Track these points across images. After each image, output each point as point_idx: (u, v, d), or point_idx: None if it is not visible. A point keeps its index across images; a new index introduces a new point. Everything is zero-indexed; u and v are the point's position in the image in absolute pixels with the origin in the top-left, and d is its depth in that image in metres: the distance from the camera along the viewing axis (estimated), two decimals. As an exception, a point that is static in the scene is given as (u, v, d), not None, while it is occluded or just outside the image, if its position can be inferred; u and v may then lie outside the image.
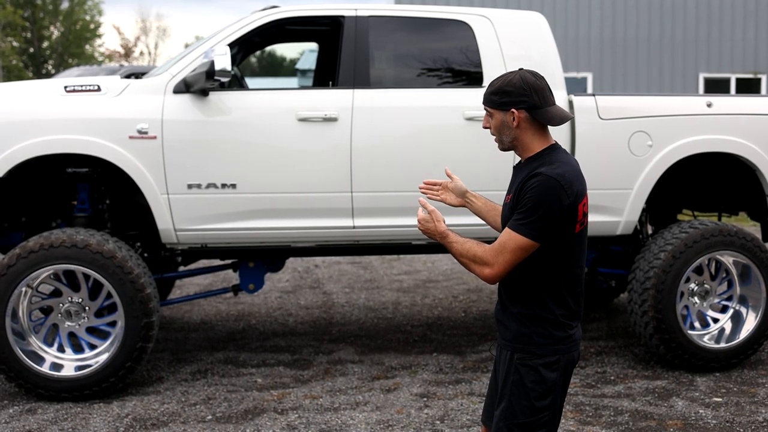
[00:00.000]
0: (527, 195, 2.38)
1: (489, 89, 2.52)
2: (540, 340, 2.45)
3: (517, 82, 2.46)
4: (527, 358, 2.46)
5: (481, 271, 2.43)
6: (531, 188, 2.38)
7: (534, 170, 2.41)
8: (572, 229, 2.43)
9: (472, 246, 2.46)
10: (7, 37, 37.21)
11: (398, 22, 5.06)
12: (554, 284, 2.45)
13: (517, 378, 2.46)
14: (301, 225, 4.78)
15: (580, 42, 17.16)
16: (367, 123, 4.77)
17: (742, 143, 5.04)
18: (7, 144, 4.48)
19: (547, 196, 2.35)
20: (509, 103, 2.46)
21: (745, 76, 17.51)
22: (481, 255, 2.43)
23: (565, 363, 2.48)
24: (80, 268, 4.46)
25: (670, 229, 5.08)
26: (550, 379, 2.45)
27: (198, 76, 4.52)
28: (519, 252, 2.39)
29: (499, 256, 2.40)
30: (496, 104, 2.49)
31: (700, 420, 4.23)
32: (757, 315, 5.06)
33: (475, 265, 2.45)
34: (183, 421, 4.25)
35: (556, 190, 2.36)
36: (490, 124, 2.55)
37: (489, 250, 2.42)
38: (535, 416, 2.45)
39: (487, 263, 2.42)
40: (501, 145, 2.58)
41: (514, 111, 2.46)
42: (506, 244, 2.39)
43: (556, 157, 2.46)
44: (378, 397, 4.59)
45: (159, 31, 64.77)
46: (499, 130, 2.52)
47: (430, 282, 8.02)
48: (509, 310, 2.52)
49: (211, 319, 6.55)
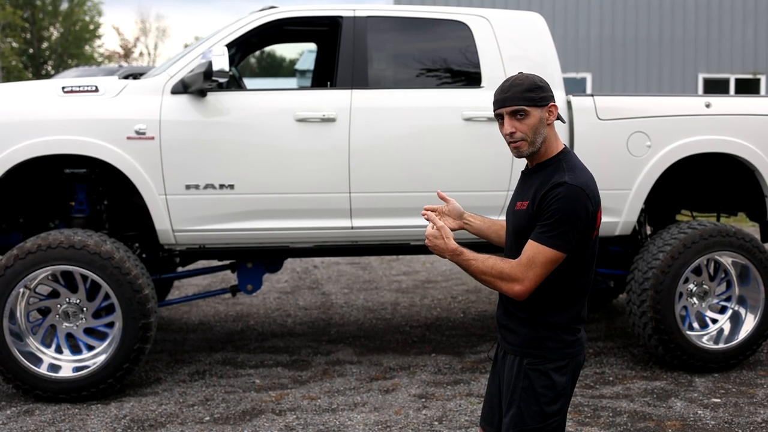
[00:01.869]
0: (554, 206, 2.29)
1: (520, 88, 2.36)
2: (552, 344, 2.41)
3: (536, 78, 2.39)
4: (538, 363, 2.41)
5: (510, 288, 2.33)
6: (557, 199, 2.29)
7: (556, 179, 2.33)
8: (590, 236, 2.39)
9: (496, 262, 2.35)
10: (6, 37, 37.21)
11: (396, 22, 5.05)
12: (570, 290, 2.41)
13: (527, 383, 2.41)
14: (299, 225, 4.78)
15: (579, 42, 17.17)
16: (366, 123, 4.76)
17: (740, 144, 5.03)
18: (4, 145, 4.48)
19: (575, 207, 2.29)
20: (547, 97, 2.38)
21: (745, 76, 17.52)
22: (508, 272, 2.33)
23: (574, 366, 2.46)
24: (78, 269, 4.45)
25: (669, 230, 5.07)
26: (560, 384, 2.41)
27: (196, 77, 4.51)
28: (549, 265, 2.32)
29: (529, 271, 2.31)
30: (536, 101, 2.36)
31: (699, 421, 4.23)
32: (755, 316, 5.06)
33: (502, 283, 2.34)
34: (181, 422, 4.24)
35: (583, 199, 2.30)
36: (516, 128, 2.38)
37: (517, 265, 2.32)
38: (545, 422, 2.41)
39: (516, 279, 2.32)
40: (530, 148, 2.41)
41: (552, 105, 2.39)
42: (535, 257, 2.31)
43: (573, 162, 2.40)
44: (376, 398, 4.59)
45: (158, 31, 64.87)
46: (536, 129, 2.38)
47: (428, 283, 8.01)
48: (515, 314, 2.46)
49: (210, 319, 6.54)
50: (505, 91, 2.41)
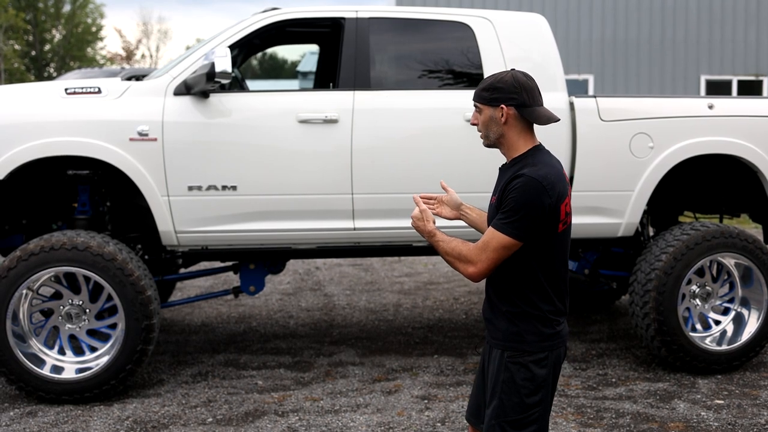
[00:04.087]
0: (510, 195, 2.44)
1: (480, 85, 2.58)
2: (530, 337, 2.51)
3: (509, 79, 2.53)
4: (517, 356, 2.51)
5: (465, 269, 2.50)
6: (514, 189, 2.44)
7: (518, 171, 2.48)
8: (555, 229, 2.49)
9: (457, 245, 2.52)
10: (9, 40, 37.27)
11: (399, 23, 5.06)
12: (538, 281, 2.52)
13: (507, 376, 2.51)
14: (301, 227, 4.78)
15: (582, 44, 17.16)
16: (368, 124, 4.76)
17: (743, 145, 5.03)
18: (7, 146, 4.48)
19: (530, 197, 2.42)
20: (499, 99, 2.52)
21: (747, 77, 17.50)
22: (465, 253, 2.49)
23: (554, 359, 2.54)
24: (81, 270, 4.45)
25: (672, 231, 5.07)
26: (540, 376, 2.50)
27: (198, 78, 4.51)
28: (502, 251, 2.45)
29: (482, 254, 2.46)
30: (486, 99, 2.55)
31: (702, 422, 4.22)
32: (759, 317, 5.05)
33: (460, 263, 2.51)
34: (183, 424, 4.24)
35: (539, 191, 2.42)
36: (478, 120, 2.60)
37: (473, 248, 2.49)
38: (525, 413, 2.50)
39: (471, 261, 2.48)
40: (486, 141, 2.63)
41: (503, 107, 2.52)
42: (489, 242, 2.46)
43: (539, 158, 2.52)
44: (379, 399, 4.58)
45: (160, 33, 64.92)
46: (487, 125, 2.57)
47: (431, 284, 8.01)
48: (497, 308, 2.58)
49: (212, 321, 6.54)
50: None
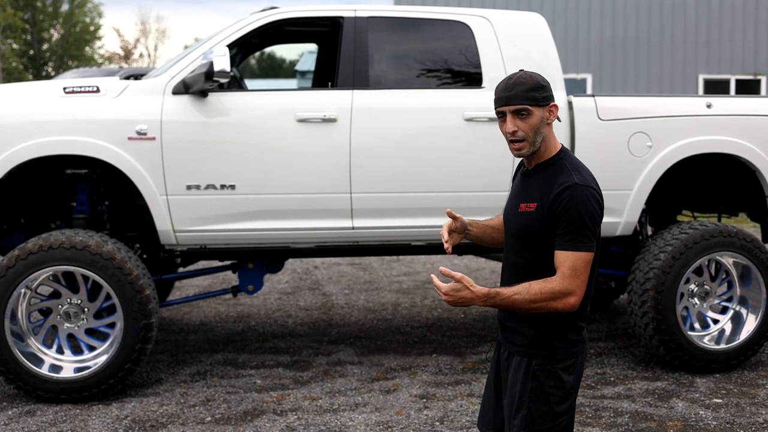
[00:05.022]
0: (571, 211, 2.30)
1: (524, 87, 2.34)
2: (559, 344, 2.41)
3: (540, 77, 2.38)
4: (547, 364, 2.41)
5: (566, 302, 2.31)
6: (571, 201, 2.31)
7: (563, 180, 2.34)
8: (599, 231, 2.42)
9: (542, 286, 2.31)
10: (7, 39, 37.22)
11: (397, 22, 5.05)
12: None
13: (536, 384, 2.41)
14: (300, 226, 4.78)
15: (580, 43, 17.17)
16: (367, 124, 4.76)
17: (741, 144, 5.03)
18: (6, 145, 4.48)
19: (590, 207, 2.32)
20: (548, 97, 2.37)
21: (745, 77, 17.51)
22: (560, 289, 2.30)
23: (579, 364, 2.46)
24: (79, 269, 4.45)
25: (670, 230, 5.07)
26: (569, 383, 2.42)
27: (197, 77, 4.51)
28: (588, 267, 2.34)
29: (576, 280, 2.31)
30: (537, 100, 2.34)
31: (701, 421, 4.22)
32: (757, 316, 5.06)
33: (556, 302, 2.31)
34: (182, 423, 4.24)
35: (595, 198, 2.34)
36: (519, 126, 2.36)
37: (563, 279, 2.31)
38: (554, 421, 2.41)
39: (570, 292, 2.31)
40: (531, 148, 2.40)
41: (554, 105, 2.39)
42: (577, 265, 2.31)
43: (574, 162, 2.41)
44: (377, 399, 4.59)
45: (158, 33, 64.84)
46: (537, 129, 2.36)
47: (429, 283, 8.01)
48: (520, 315, 2.44)
49: (211, 320, 6.54)
50: (509, 89, 2.37)
